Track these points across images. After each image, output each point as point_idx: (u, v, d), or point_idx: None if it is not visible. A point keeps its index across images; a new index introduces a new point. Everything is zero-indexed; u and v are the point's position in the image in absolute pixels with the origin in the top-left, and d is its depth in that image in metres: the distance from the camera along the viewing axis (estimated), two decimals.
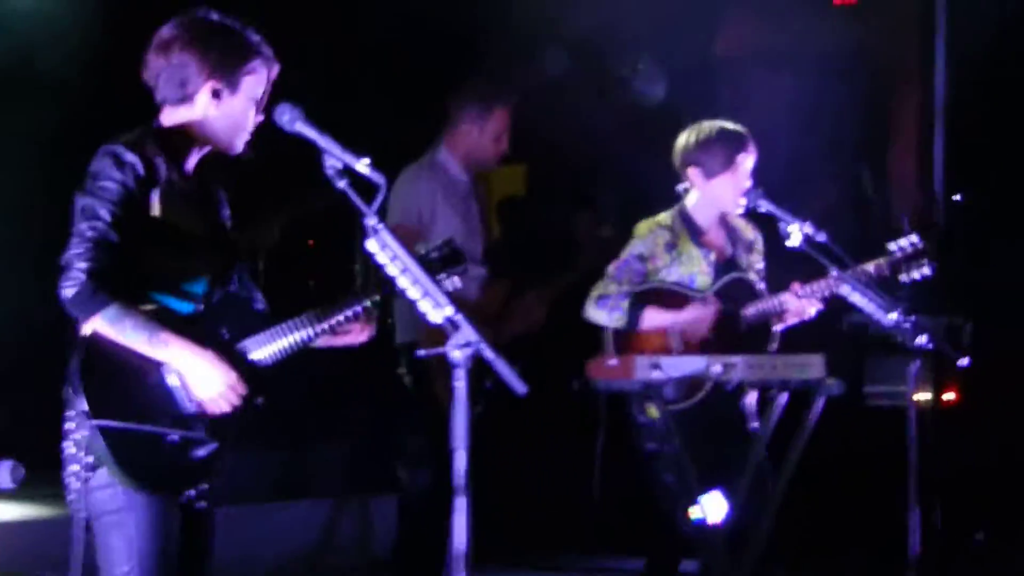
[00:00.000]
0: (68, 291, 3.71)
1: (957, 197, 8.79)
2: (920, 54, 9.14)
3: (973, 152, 8.73)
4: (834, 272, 5.51)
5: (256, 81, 3.99)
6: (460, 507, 3.64)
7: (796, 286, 5.65)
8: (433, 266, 4.04)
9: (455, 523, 3.64)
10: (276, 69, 4.05)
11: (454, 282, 4.09)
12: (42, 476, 6.25)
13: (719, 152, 5.73)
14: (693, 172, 5.78)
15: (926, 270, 5.64)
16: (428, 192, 6.26)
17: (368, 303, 4.04)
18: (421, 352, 5.84)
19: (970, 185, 8.78)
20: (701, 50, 8.92)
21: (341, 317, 4.01)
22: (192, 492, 3.91)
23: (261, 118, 4.01)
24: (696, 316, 5.66)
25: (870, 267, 5.60)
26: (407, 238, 5.05)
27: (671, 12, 8.32)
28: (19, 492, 6.77)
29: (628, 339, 5.72)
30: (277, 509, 6.94)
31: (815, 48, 8.64)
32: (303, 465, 7.60)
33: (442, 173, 6.38)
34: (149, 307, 3.81)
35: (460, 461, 3.63)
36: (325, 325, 3.99)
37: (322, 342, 4.08)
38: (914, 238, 5.66)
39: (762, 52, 9.04)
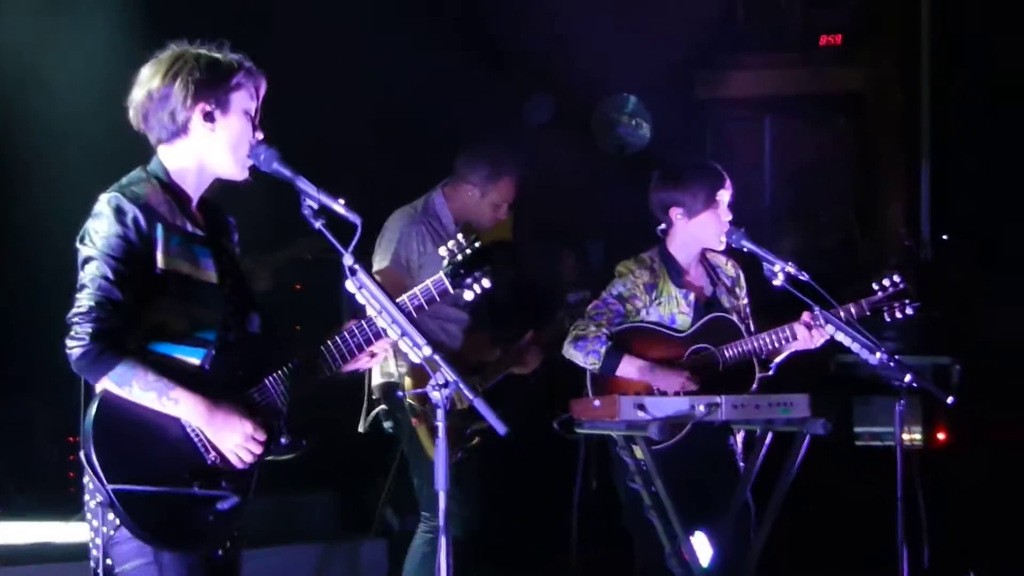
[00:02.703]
0: (74, 352, 3.64)
1: (944, 238, 8.84)
2: (906, 97, 9.20)
3: (960, 194, 8.77)
4: (816, 311, 5.52)
5: (245, 95, 3.88)
6: (442, 547, 3.65)
7: (807, 315, 5.61)
8: (460, 267, 4.03)
9: (439, 563, 3.65)
10: (263, 83, 3.94)
11: (483, 284, 4.04)
12: None
13: (699, 190, 5.73)
14: (675, 212, 5.77)
15: (909, 310, 5.68)
16: (418, 237, 6.23)
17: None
18: (400, 393, 5.87)
19: (957, 226, 8.82)
20: (684, 94, 8.96)
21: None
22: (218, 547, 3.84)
23: (261, 135, 3.88)
24: (666, 383, 5.62)
25: (851, 307, 5.62)
26: (392, 284, 5.07)
27: (653, 56, 8.36)
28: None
29: (608, 379, 5.71)
30: (267, 554, 6.90)
31: (799, 91, 8.70)
32: (293, 509, 7.58)
33: (434, 219, 6.34)
34: (157, 357, 3.72)
35: (442, 502, 3.64)
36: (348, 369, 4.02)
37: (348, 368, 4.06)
38: (896, 278, 5.69)
39: (745, 96, 9.10)
